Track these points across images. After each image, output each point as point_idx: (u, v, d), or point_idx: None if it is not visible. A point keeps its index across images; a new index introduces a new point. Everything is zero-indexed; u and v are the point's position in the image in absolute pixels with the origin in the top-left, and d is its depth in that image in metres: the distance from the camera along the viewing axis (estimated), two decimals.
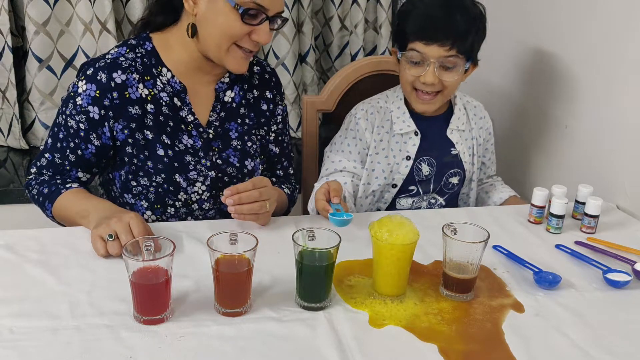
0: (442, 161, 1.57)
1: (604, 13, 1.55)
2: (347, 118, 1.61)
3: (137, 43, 1.36)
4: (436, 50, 1.42)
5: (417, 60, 1.45)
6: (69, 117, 1.32)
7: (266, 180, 1.29)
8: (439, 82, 1.45)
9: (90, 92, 1.30)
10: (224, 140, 1.42)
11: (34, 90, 2.21)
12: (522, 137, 1.91)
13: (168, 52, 1.37)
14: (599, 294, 1.12)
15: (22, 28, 2.19)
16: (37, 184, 1.37)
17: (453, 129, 1.58)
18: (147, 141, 1.35)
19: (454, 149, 1.58)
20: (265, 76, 1.51)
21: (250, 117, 1.46)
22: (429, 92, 1.47)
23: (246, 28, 1.28)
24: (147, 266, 0.96)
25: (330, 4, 2.49)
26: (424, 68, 1.44)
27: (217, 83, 1.42)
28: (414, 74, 1.46)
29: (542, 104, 1.81)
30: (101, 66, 1.31)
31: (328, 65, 2.63)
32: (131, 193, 1.39)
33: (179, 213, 1.41)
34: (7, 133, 2.28)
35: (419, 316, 1.02)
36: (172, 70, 1.36)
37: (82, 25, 2.19)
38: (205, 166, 1.39)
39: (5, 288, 1.04)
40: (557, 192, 1.37)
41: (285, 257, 1.11)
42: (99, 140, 1.33)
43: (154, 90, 1.34)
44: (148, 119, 1.34)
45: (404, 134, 1.55)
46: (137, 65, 1.33)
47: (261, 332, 0.96)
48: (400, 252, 1.03)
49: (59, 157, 1.35)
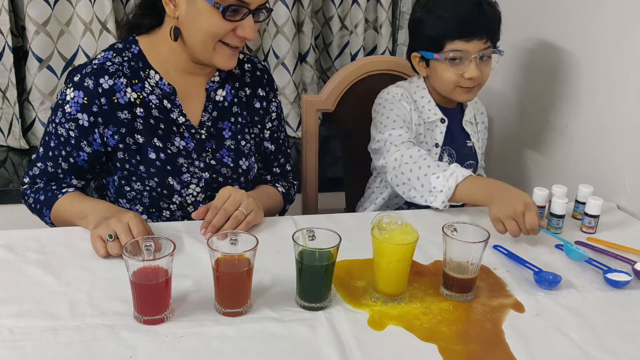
0: (460, 152, 1.60)
1: (604, 12, 1.55)
2: (382, 103, 1.56)
3: (124, 47, 1.35)
4: (476, 45, 1.46)
5: (458, 58, 1.47)
6: (58, 126, 1.31)
7: (227, 190, 1.26)
8: (480, 75, 1.49)
9: (78, 99, 1.29)
10: (217, 140, 1.41)
11: (34, 90, 2.21)
12: (522, 136, 1.91)
13: (155, 54, 1.35)
14: (599, 294, 1.12)
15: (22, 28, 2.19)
16: (32, 193, 1.36)
17: (467, 120, 1.62)
18: (138, 145, 1.33)
19: (469, 141, 1.62)
20: (257, 73, 1.49)
21: (243, 115, 1.45)
22: (471, 86, 1.50)
23: (229, 25, 1.26)
24: (147, 266, 0.96)
25: (330, 4, 2.49)
26: (466, 65, 1.47)
27: (208, 82, 1.41)
28: (457, 72, 1.48)
29: (542, 104, 1.81)
30: (88, 72, 1.30)
31: (328, 65, 2.63)
32: (125, 198, 1.38)
33: (174, 216, 1.40)
34: (7, 133, 2.28)
35: (419, 316, 1.02)
36: (160, 72, 1.35)
37: (82, 25, 2.19)
38: (199, 168, 1.38)
39: (5, 288, 1.04)
40: (558, 192, 1.37)
41: (286, 257, 1.10)
42: (90, 147, 1.32)
43: (143, 94, 1.33)
44: (138, 123, 1.33)
45: (431, 122, 1.57)
46: (125, 69, 1.32)
47: (261, 332, 0.96)
48: (400, 252, 1.03)
49: (52, 165, 1.34)
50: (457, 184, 1.32)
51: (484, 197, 1.31)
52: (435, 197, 1.34)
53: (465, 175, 1.33)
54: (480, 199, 1.32)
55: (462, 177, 1.32)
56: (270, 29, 2.40)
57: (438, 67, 1.51)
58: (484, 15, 1.46)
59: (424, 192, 1.36)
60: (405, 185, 1.40)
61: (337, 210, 1.86)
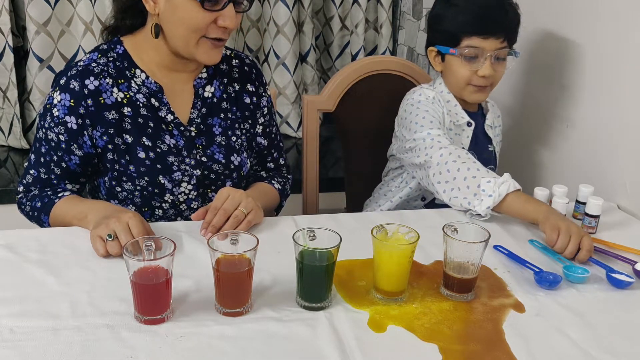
0: (482, 157, 1.57)
1: (605, 12, 1.55)
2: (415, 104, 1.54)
3: (109, 47, 1.35)
4: (492, 43, 1.47)
5: (473, 55, 1.48)
6: (48, 130, 1.31)
7: (225, 190, 1.26)
8: (493, 74, 1.49)
9: (65, 102, 1.28)
10: (207, 136, 1.40)
11: (34, 90, 2.21)
12: (522, 136, 1.91)
13: (140, 53, 1.35)
14: (599, 294, 1.12)
15: (22, 28, 2.20)
16: (28, 201, 1.36)
17: (488, 125, 1.63)
18: (127, 145, 1.33)
19: (490, 146, 1.63)
20: (245, 69, 1.48)
21: (232, 111, 1.44)
22: (483, 85, 1.51)
23: (209, 16, 1.25)
24: (147, 266, 0.96)
25: (331, 4, 2.49)
26: (480, 62, 1.48)
27: (195, 79, 1.40)
28: (471, 69, 1.49)
29: (542, 103, 1.81)
30: (73, 75, 1.30)
31: (328, 65, 2.63)
32: (117, 198, 1.38)
33: (167, 214, 1.40)
34: (8, 133, 2.28)
35: (420, 316, 1.02)
36: (146, 71, 1.35)
37: (83, 25, 2.19)
38: (190, 165, 1.37)
39: (5, 288, 1.04)
40: (558, 192, 1.37)
41: (286, 257, 1.10)
42: (81, 150, 1.32)
43: (130, 93, 1.33)
44: (126, 123, 1.32)
45: (459, 125, 1.57)
46: (110, 70, 1.32)
47: (262, 332, 0.96)
48: (401, 252, 1.03)
49: (44, 171, 1.34)
50: (508, 192, 1.30)
51: (536, 213, 1.28)
52: (482, 200, 1.31)
53: (516, 187, 1.31)
54: (533, 214, 1.29)
55: (514, 188, 1.30)
56: (271, 29, 2.40)
57: (453, 63, 1.52)
58: (504, 14, 1.47)
59: (469, 194, 1.33)
60: (448, 183, 1.37)
61: (337, 210, 1.86)
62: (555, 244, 1.21)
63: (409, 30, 2.64)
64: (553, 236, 1.21)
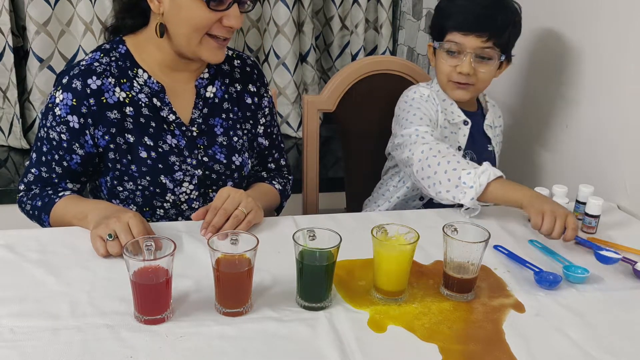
0: (481, 157, 1.58)
1: (606, 12, 1.55)
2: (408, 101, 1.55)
3: (111, 47, 1.35)
4: (473, 40, 1.47)
5: (454, 51, 1.49)
6: (50, 129, 1.31)
7: (225, 190, 1.26)
8: (474, 73, 1.49)
9: (67, 101, 1.28)
10: (209, 136, 1.40)
11: (34, 90, 2.21)
12: (522, 136, 1.91)
13: (142, 53, 1.35)
14: (599, 294, 1.12)
15: (22, 28, 2.20)
16: (29, 200, 1.36)
17: (487, 124, 1.63)
18: (129, 145, 1.33)
19: (489, 145, 1.63)
20: (247, 69, 1.48)
21: (234, 111, 1.44)
22: (463, 82, 1.51)
23: (214, 15, 1.25)
24: (147, 266, 0.96)
25: (331, 4, 2.49)
26: (461, 59, 1.48)
27: (197, 79, 1.40)
28: (451, 64, 1.50)
29: (542, 104, 1.81)
30: (75, 74, 1.30)
31: (329, 65, 2.63)
32: (118, 198, 1.38)
33: (168, 214, 1.40)
34: (8, 133, 2.28)
35: (420, 316, 1.02)
36: (148, 71, 1.35)
37: (83, 25, 2.19)
38: (191, 165, 1.37)
39: (5, 288, 1.04)
40: (558, 192, 1.37)
41: (286, 257, 1.10)
42: (82, 150, 1.32)
43: (132, 93, 1.33)
44: (128, 122, 1.33)
45: (455, 124, 1.57)
46: (112, 69, 1.32)
47: (262, 332, 0.96)
48: (401, 252, 1.03)
49: (46, 170, 1.34)
50: (489, 181, 1.29)
51: (520, 199, 1.28)
52: (465, 193, 1.31)
53: (497, 175, 1.31)
54: (516, 199, 1.29)
55: (495, 176, 1.30)
56: (271, 29, 2.40)
57: (438, 57, 1.54)
58: (489, 14, 1.47)
59: (451, 187, 1.33)
60: (430, 179, 1.38)
61: (337, 210, 1.86)
62: (541, 227, 1.22)
63: (409, 30, 2.64)
64: (538, 220, 1.23)
